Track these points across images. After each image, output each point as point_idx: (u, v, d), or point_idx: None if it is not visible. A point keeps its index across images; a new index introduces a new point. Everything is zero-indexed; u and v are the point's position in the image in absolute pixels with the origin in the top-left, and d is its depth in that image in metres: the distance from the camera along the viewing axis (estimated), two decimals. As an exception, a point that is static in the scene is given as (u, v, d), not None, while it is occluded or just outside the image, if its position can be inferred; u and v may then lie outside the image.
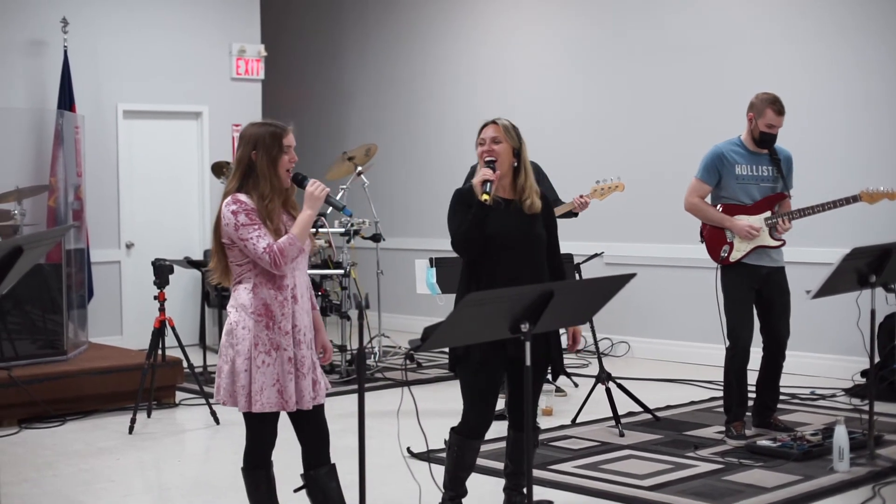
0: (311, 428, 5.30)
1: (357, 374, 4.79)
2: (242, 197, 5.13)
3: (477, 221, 5.58)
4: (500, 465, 7.23)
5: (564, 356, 7.13)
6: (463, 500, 5.99)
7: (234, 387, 5.16)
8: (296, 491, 5.40)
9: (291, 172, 5.21)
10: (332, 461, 5.37)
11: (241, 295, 5.18)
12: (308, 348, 5.24)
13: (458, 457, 5.89)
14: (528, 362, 4.71)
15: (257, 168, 5.14)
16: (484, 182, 5.58)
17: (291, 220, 5.22)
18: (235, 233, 5.08)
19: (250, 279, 5.17)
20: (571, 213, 9.40)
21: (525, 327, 4.61)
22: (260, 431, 5.28)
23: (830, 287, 6.91)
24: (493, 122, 5.79)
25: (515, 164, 5.74)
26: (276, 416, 5.24)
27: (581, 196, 9.18)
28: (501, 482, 6.48)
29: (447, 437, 5.93)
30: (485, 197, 5.56)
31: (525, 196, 5.74)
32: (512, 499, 6.14)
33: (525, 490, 5.89)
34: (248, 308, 5.14)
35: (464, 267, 5.79)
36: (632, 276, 4.92)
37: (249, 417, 5.24)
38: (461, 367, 5.69)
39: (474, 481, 6.93)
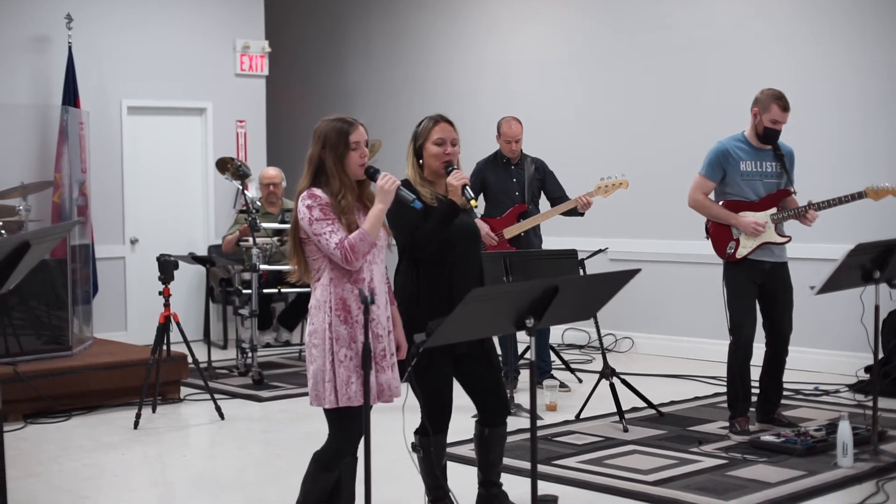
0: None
1: (363, 368, 4.79)
2: (318, 192, 5.16)
3: (448, 223, 5.66)
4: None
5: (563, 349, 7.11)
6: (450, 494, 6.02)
7: (320, 384, 5.15)
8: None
9: (365, 166, 5.24)
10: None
11: (319, 292, 5.19)
12: (387, 342, 5.27)
13: (433, 456, 5.90)
14: (532, 355, 4.73)
15: (326, 166, 5.18)
16: (463, 187, 5.63)
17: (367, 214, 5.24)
18: (310, 227, 5.10)
19: (326, 274, 5.18)
20: (576, 212, 9.46)
21: (530, 322, 4.62)
22: (347, 427, 5.22)
23: (834, 283, 6.92)
24: (448, 121, 5.90)
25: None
26: (361, 411, 5.21)
27: (585, 195, 9.25)
28: (502, 476, 6.48)
29: (413, 443, 5.94)
30: (473, 203, 5.65)
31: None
32: (489, 490, 6.14)
33: (495, 480, 5.96)
34: (326, 304, 5.15)
35: (411, 265, 5.79)
36: (636, 271, 4.93)
37: (335, 414, 5.20)
38: (407, 362, 5.68)
39: (470, 474, 6.95)
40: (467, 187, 5.65)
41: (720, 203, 7.85)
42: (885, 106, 10.00)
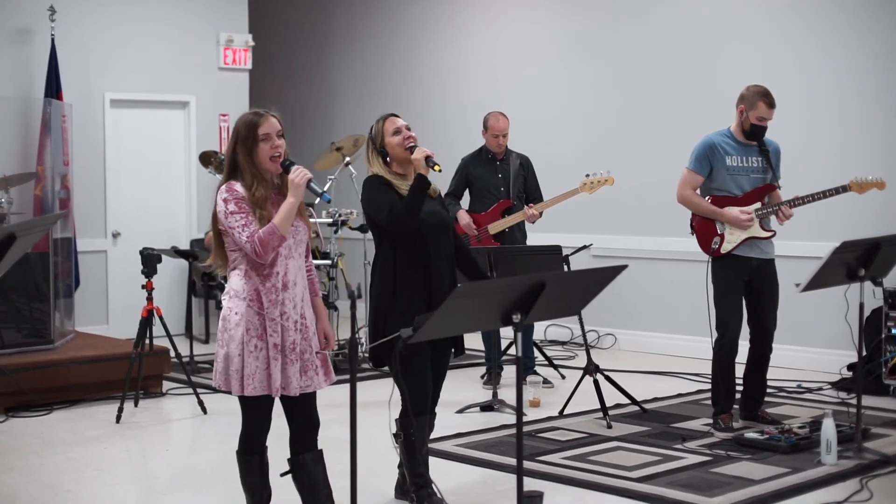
0: (300, 414, 5.35)
1: (349, 363, 4.78)
2: (236, 185, 5.21)
3: (421, 195, 5.87)
4: (481, 455, 7.29)
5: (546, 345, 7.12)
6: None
7: (228, 371, 5.21)
8: (282, 475, 5.45)
9: (280, 158, 5.23)
10: (320, 448, 5.40)
11: (235, 281, 5.25)
12: (299, 335, 5.27)
13: (417, 439, 6.01)
14: (518, 351, 4.72)
15: (238, 160, 5.22)
16: (426, 157, 5.90)
17: None
18: (225, 220, 5.16)
19: (242, 266, 5.24)
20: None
21: (517, 318, 4.60)
22: (254, 416, 5.35)
23: (819, 280, 6.93)
24: (395, 114, 6.17)
25: None
26: (269, 401, 5.30)
27: (533, 208, 9.32)
28: (486, 472, 6.48)
29: (395, 433, 6.05)
30: (437, 168, 5.92)
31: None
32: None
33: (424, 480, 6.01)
34: (240, 294, 5.21)
35: (386, 247, 6.03)
36: (623, 267, 4.92)
37: (244, 402, 5.31)
38: (392, 359, 5.75)
39: (455, 470, 6.95)
40: (430, 157, 5.93)
41: (707, 199, 7.85)
42: (879, 100, 10.00)
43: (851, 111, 10.11)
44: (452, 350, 6.21)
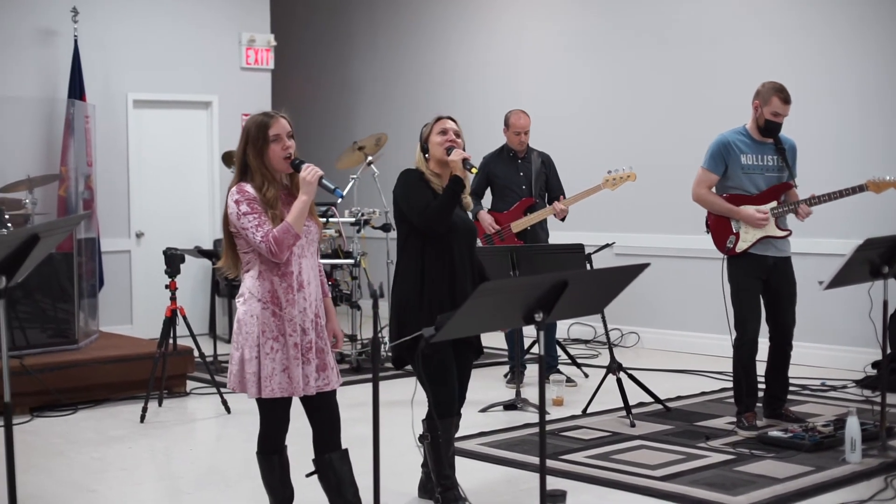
0: (323, 413, 5.35)
1: (372, 362, 4.80)
2: (247, 186, 5.22)
3: (456, 197, 5.89)
4: (505, 454, 7.28)
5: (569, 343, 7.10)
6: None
7: (244, 374, 5.23)
8: (308, 476, 5.45)
9: (291, 158, 5.25)
10: (345, 447, 5.40)
11: (249, 283, 5.26)
12: (315, 335, 5.28)
13: (443, 441, 5.98)
14: (541, 350, 4.72)
15: (248, 161, 5.23)
16: (464, 160, 5.90)
17: None
18: (238, 222, 5.17)
19: (256, 267, 5.25)
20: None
21: (539, 317, 4.60)
22: (272, 417, 5.35)
23: (843, 278, 6.90)
24: (451, 117, 6.13)
25: None
26: (287, 401, 5.30)
27: (561, 203, 9.30)
28: (509, 470, 6.48)
29: (421, 434, 6.03)
30: (473, 170, 5.95)
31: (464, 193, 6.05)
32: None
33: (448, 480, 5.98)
34: (255, 296, 5.22)
35: (412, 245, 6.01)
36: (646, 265, 4.91)
37: (262, 404, 5.31)
38: (415, 358, 5.75)
39: (479, 469, 6.95)
40: (468, 160, 5.93)
41: (723, 197, 7.83)
42: (887, 98, 9.98)
43: (871, 109, 10.07)
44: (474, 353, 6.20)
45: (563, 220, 9.54)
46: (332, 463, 5.39)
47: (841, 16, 10.28)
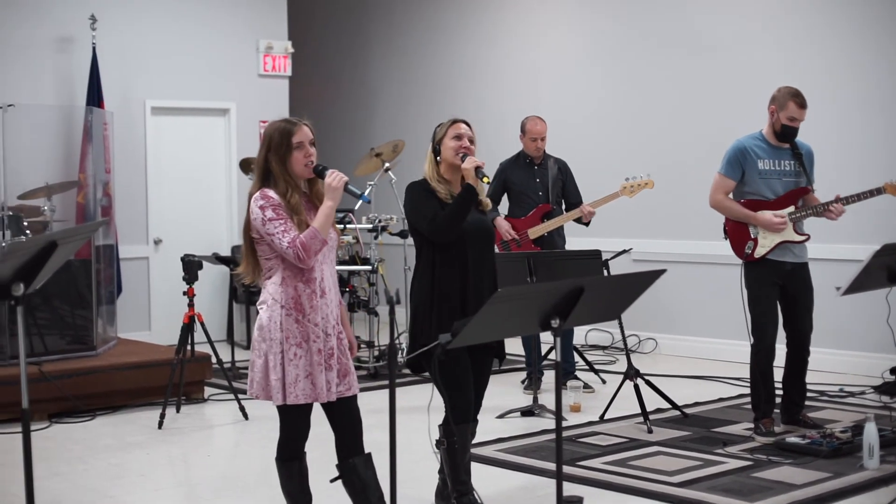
0: (345, 418, 5.35)
1: (388, 368, 4.80)
2: (270, 192, 5.20)
3: (467, 205, 5.84)
4: (522, 461, 7.28)
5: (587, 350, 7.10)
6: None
7: (267, 380, 5.22)
8: (332, 481, 5.44)
9: (312, 165, 5.25)
10: (368, 451, 5.41)
11: (271, 289, 5.25)
12: (336, 340, 5.29)
13: (459, 447, 5.97)
14: (557, 356, 4.73)
15: (271, 167, 5.23)
16: (476, 168, 5.84)
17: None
18: (263, 227, 5.15)
19: (279, 273, 5.23)
20: (581, 221, 9.49)
21: (556, 323, 4.60)
22: (294, 424, 5.34)
23: (860, 284, 6.85)
24: (465, 121, 6.08)
25: None
26: (309, 408, 5.30)
27: (589, 205, 9.30)
28: (526, 477, 6.47)
29: (437, 439, 6.01)
30: (486, 179, 5.88)
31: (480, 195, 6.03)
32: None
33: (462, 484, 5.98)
34: (278, 302, 5.20)
35: (426, 255, 5.99)
36: (662, 272, 4.90)
37: (284, 410, 5.29)
38: (432, 363, 5.73)
39: (496, 475, 6.95)
40: (481, 168, 5.87)
41: (740, 202, 7.83)
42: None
43: (891, 114, 10.06)
44: (496, 358, 6.20)
45: (587, 224, 9.54)
46: (356, 467, 5.38)
47: (867, 19, 10.27)
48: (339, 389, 5.28)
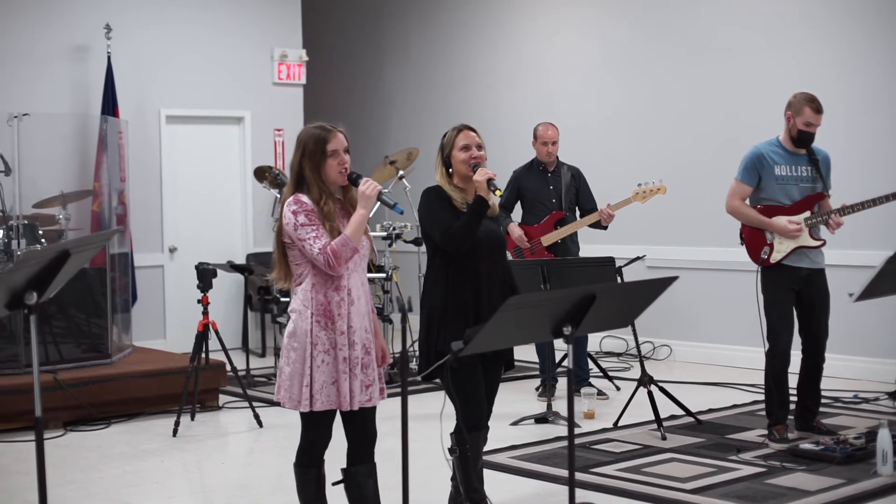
0: (358, 428, 5.36)
1: (401, 376, 4.81)
2: (304, 198, 5.21)
3: (479, 218, 5.83)
4: (536, 467, 7.28)
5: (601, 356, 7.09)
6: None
7: (294, 387, 5.22)
8: (334, 484, 5.46)
9: (346, 172, 5.26)
10: (374, 462, 5.41)
11: (301, 296, 5.25)
12: (363, 350, 5.29)
13: (471, 454, 5.96)
14: (570, 363, 4.73)
15: (304, 174, 5.22)
16: (489, 181, 5.83)
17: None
18: (294, 232, 5.16)
19: (309, 280, 5.24)
20: (600, 225, 9.47)
21: (567, 330, 4.61)
22: (316, 430, 5.34)
23: (874, 290, 6.85)
24: (472, 128, 6.07)
25: None
26: (332, 415, 5.31)
27: (608, 208, 9.27)
28: (540, 484, 6.46)
29: (450, 447, 6.00)
30: (497, 192, 5.87)
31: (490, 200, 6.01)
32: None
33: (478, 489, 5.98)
34: (308, 309, 5.21)
35: (438, 263, 5.99)
36: (674, 279, 4.90)
37: (307, 417, 5.30)
38: (445, 371, 5.73)
39: (510, 482, 6.95)
40: (493, 180, 5.86)
41: (756, 208, 7.83)
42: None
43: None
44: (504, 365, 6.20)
45: (605, 228, 9.54)
46: (356, 476, 5.40)
47: (880, 24, 10.26)
48: (361, 399, 5.28)
